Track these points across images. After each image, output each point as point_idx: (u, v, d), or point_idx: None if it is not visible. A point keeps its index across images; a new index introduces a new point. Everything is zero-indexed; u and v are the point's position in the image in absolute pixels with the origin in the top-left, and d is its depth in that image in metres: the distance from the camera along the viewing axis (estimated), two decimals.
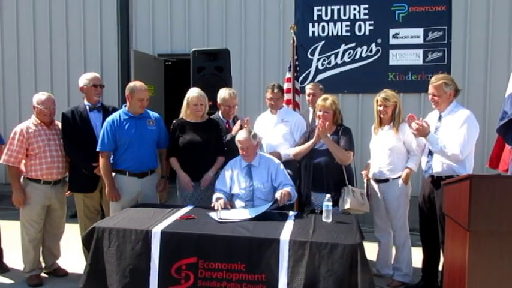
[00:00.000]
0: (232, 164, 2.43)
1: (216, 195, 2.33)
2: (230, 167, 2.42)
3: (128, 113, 2.43)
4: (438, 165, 2.25)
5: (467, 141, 2.15)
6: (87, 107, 2.59)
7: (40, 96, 2.53)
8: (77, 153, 2.52)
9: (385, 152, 2.44)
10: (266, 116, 2.88)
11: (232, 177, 2.39)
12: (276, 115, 2.82)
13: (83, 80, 2.62)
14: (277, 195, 2.22)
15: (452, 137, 2.17)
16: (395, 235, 2.53)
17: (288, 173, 2.53)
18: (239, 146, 2.34)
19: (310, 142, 2.40)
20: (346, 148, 2.35)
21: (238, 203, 2.36)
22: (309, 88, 3.02)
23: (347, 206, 2.25)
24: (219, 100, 2.73)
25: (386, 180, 2.46)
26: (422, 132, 2.22)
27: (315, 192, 2.40)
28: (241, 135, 2.35)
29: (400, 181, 2.43)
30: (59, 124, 2.62)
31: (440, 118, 2.31)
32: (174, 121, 2.59)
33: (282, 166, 2.39)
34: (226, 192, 2.37)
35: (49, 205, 2.54)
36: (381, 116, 2.48)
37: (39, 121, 2.52)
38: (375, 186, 2.54)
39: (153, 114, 2.53)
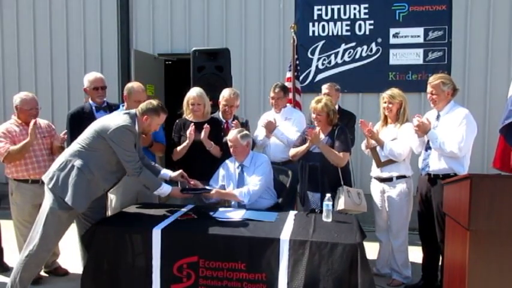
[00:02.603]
0: (227, 163, 2.44)
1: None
2: (225, 166, 2.43)
3: None
4: (435, 164, 2.25)
5: (465, 139, 2.17)
6: (94, 107, 2.59)
7: (24, 97, 2.48)
8: None
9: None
10: (270, 115, 2.89)
11: (226, 176, 2.40)
12: (280, 114, 2.85)
13: (85, 81, 2.64)
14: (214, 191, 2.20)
15: (451, 135, 2.18)
16: (393, 236, 2.51)
17: (288, 173, 2.54)
18: (229, 144, 2.37)
19: (304, 146, 2.42)
20: (340, 150, 2.34)
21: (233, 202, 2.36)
22: (325, 88, 3.00)
23: (341, 206, 2.25)
24: (220, 99, 2.73)
25: (390, 180, 2.45)
26: (423, 128, 2.25)
27: (311, 192, 2.41)
28: (230, 134, 2.38)
29: (404, 184, 2.42)
30: (41, 122, 2.59)
31: (438, 117, 2.32)
32: (177, 120, 2.60)
33: (265, 166, 2.34)
34: (221, 186, 2.37)
35: (41, 204, 2.54)
36: (386, 113, 2.48)
37: (20, 121, 2.49)
38: (378, 185, 2.53)
39: None
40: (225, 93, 2.70)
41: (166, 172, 2.25)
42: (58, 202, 1.97)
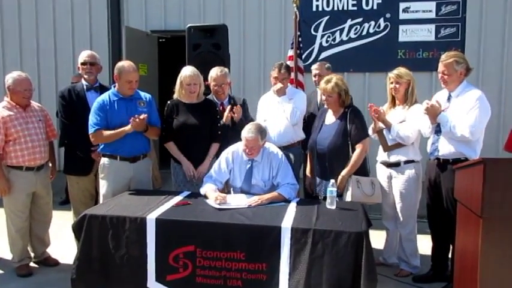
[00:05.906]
0: (232, 153, 2.23)
1: (207, 187, 2.13)
2: (230, 156, 2.23)
3: (118, 94, 2.31)
4: (445, 148, 2.16)
5: (478, 123, 2.07)
6: (85, 87, 2.53)
7: (16, 77, 2.32)
8: (74, 134, 2.46)
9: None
10: (269, 96, 2.73)
11: (231, 169, 2.22)
12: (284, 96, 2.67)
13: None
14: (252, 198, 2.02)
15: (463, 119, 2.08)
16: (401, 224, 2.42)
17: (290, 157, 2.41)
18: (244, 142, 2.14)
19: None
20: (358, 140, 2.20)
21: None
22: (314, 68, 2.89)
23: (348, 199, 2.15)
24: (209, 79, 2.58)
25: (397, 164, 2.35)
26: (433, 111, 2.13)
27: (320, 179, 2.31)
28: (249, 133, 2.10)
29: (412, 169, 2.31)
30: (36, 105, 2.48)
31: (449, 98, 2.20)
32: (168, 102, 2.46)
33: (284, 161, 2.21)
34: (222, 183, 2.22)
35: (34, 192, 2.44)
36: (393, 94, 2.36)
37: (14, 103, 2.34)
38: (384, 170, 2.42)
39: (145, 95, 2.40)
40: (212, 72, 2.57)
41: None
42: None
